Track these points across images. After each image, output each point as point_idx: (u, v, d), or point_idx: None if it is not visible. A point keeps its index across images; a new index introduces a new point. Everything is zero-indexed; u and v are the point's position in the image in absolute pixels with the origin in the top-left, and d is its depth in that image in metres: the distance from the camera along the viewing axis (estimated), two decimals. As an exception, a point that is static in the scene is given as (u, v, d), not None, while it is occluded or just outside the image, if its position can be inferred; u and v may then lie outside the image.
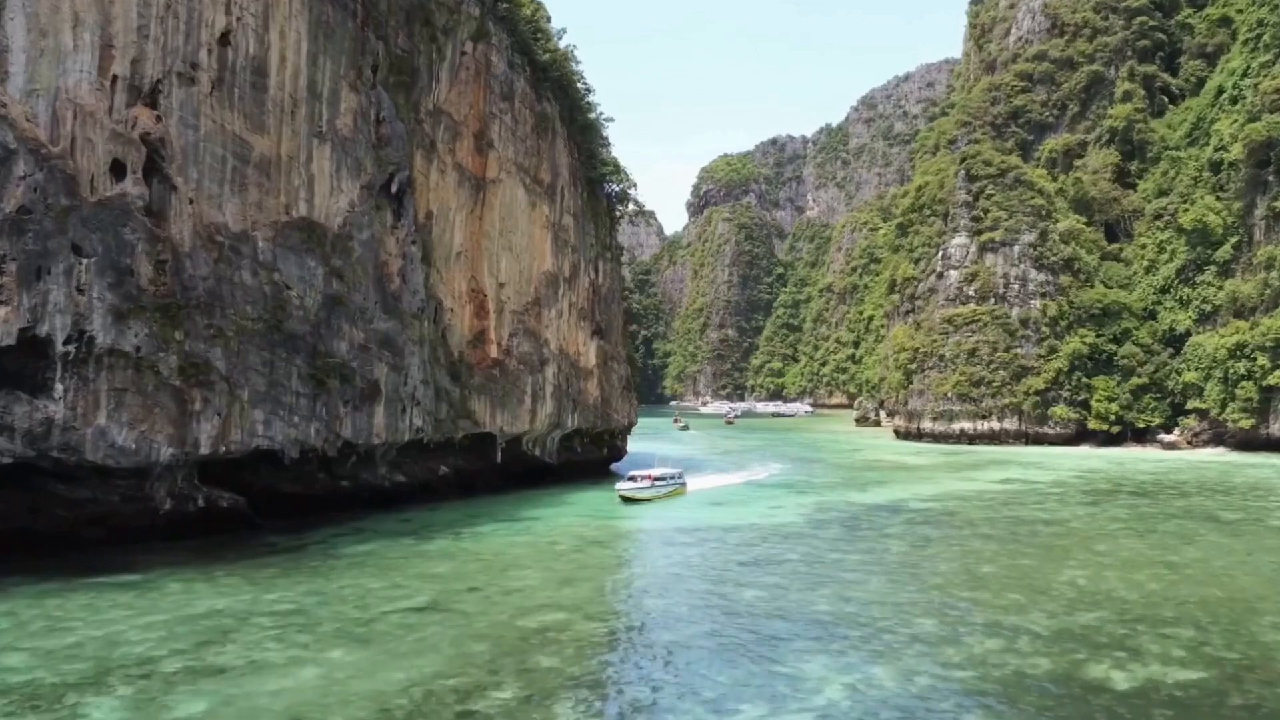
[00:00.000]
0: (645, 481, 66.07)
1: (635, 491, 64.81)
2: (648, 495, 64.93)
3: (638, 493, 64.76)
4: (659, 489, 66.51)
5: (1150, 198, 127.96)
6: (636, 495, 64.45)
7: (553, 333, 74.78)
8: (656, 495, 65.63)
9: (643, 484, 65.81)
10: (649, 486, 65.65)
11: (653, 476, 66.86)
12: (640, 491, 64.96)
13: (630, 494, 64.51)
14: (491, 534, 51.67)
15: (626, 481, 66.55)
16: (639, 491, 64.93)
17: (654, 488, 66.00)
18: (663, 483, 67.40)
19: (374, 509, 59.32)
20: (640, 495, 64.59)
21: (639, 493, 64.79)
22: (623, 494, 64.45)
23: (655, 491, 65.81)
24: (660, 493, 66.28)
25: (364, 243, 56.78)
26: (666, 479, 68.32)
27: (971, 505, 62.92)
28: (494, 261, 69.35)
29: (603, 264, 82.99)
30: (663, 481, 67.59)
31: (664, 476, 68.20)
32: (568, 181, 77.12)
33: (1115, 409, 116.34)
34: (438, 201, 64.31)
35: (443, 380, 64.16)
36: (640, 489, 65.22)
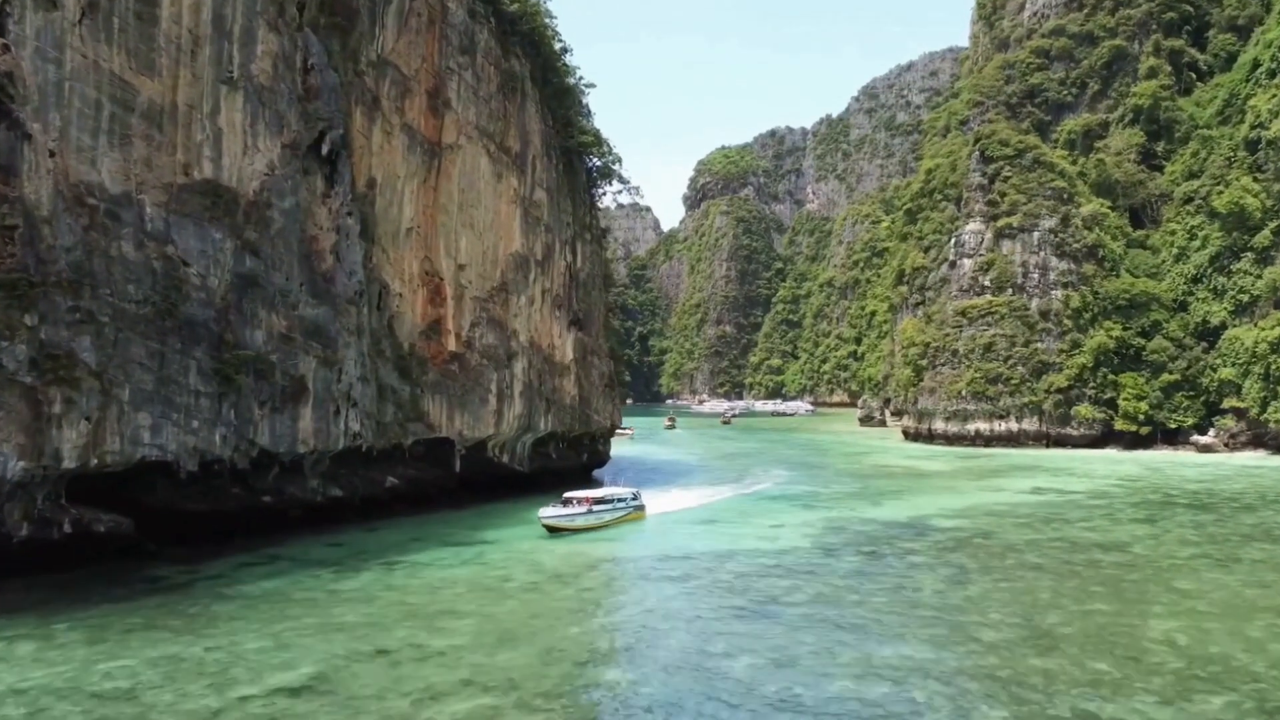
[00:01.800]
0: (581, 506, 51.50)
1: (564, 519, 50.34)
2: (582, 524, 50.74)
3: (567, 521, 50.38)
4: (600, 515, 52.04)
5: (1179, 180, 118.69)
6: (565, 524, 50.14)
7: (522, 323, 65.52)
8: (597, 524, 51.49)
9: (577, 509, 51.27)
10: (585, 513, 51.24)
11: (591, 499, 52.28)
12: (571, 519, 50.61)
13: (556, 523, 49.96)
14: (433, 564, 42.49)
15: (554, 506, 51.22)
16: (569, 519, 50.55)
17: (592, 514, 51.51)
18: (607, 507, 52.90)
19: (304, 529, 50.49)
20: (570, 524, 50.32)
21: (569, 521, 50.47)
22: (546, 523, 49.83)
23: (594, 519, 51.57)
24: (602, 519, 52.04)
25: (286, 213, 47.64)
26: (613, 502, 53.81)
27: (1006, 523, 53.73)
28: (452, 240, 60.10)
29: (581, 246, 73.70)
30: (607, 505, 53.00)
31: (609, 499, 53.69)
32: (540, 151, 67.81)
33: (1144, 408, 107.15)
34: (382, 168, 55.08)
35: (388, 377, 54.93)
36: (572, 516, 50.79)
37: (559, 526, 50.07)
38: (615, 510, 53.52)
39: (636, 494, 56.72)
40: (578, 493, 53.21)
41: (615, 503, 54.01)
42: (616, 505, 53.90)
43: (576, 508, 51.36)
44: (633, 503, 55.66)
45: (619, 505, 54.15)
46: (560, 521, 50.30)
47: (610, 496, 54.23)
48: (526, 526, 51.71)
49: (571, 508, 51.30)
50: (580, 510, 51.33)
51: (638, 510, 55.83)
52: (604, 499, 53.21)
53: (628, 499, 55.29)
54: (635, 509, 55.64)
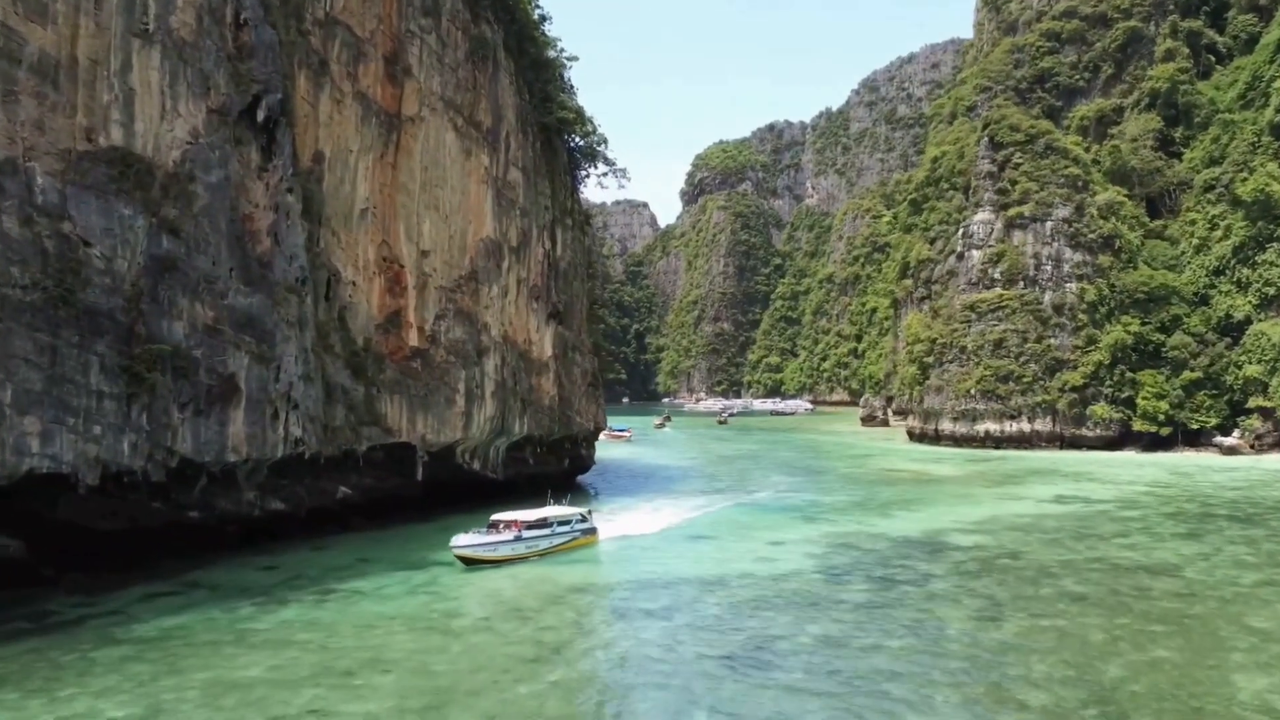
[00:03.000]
0: (509, 532, 42.38)
1: (483, 549, 41.11)
2: (508, 554, 41.63)
3: (488, 550, 41.21)
4: (534, 543, 42.92)
5: (1199, 167, 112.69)
6: (484, 555, 41.01)
7: (495, 315, 59.48)
8: (529, 553, 42.51)
9: (502, 536, 42.05)
10: (513, 540, 42.08)
11: (523, 523, 43.17)
12: (493, 548, 41.33)
13: (472, 553, 40.73)
14: (374, 592, 36.48)
15: (474, 532, 42.39)
16: (490, 549, 41.27)
17: (522, 541, 42.42)
18: (543, 532, 43.59)
19: (240, 548, 44.79)
20: (491, 555, 41.19)
21: (490, 550, 41.26)
22: (460, 553, 40.66)
23: (525, 547, 42.54)
24: (536, 548, 42.92)
25: (213, 187, 41.62)
26: (552, 526, 44.34)
27: (1034, 540, 47.73)
28: (414, 223, 54.05)
29: (562, 232, 67.59)
30: (543, 531, 43.66)
31: (547, 523, 44.22)
32: (514, 127, 61.71)
33: (1164, 408, 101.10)
34: (332, 140, 49.03)
35: (338, 375, 48.89)
36: (494, 544, 41.43)
37: (476, 558, 40.81)
38: (555, 536, 44.29)
39: (586, 515, 47.86)
40: (508, 514, 44.29)
41: (555, 527, 44.59)
42: (557, 530, 44.62)
43: (502, 534, 42.33)
44: (579, 526, 46.38)
45: (560, 530, 44.87)
46: (478, 551, 41.02)
47: (549, 519, 44.71)
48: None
49: (495, 534, 42.34)
50: (506, 537, 42.16)
51: (587, 535, 46.67)
52: (540, 522, 44.09)
53: (573, 521, 46.14)
54: (584, 533, 46.41)
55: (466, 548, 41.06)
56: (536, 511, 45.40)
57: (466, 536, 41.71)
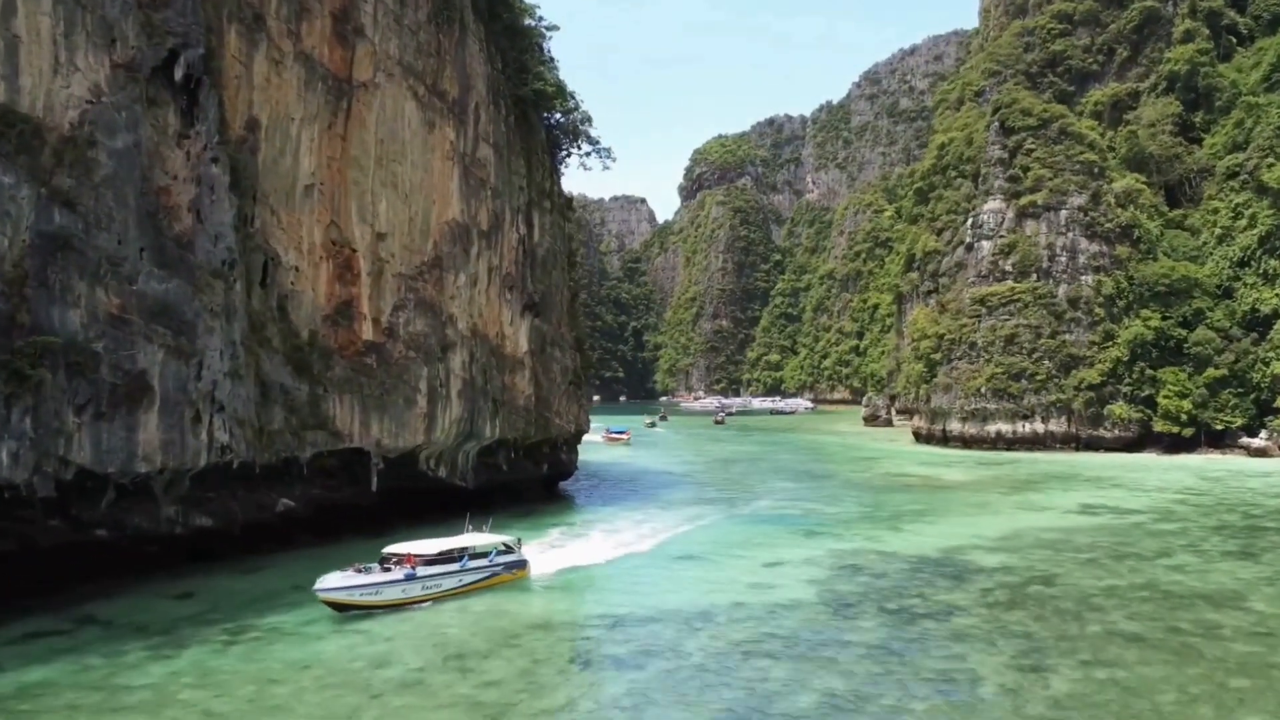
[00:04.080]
0: (399, 570, 33.98)
1: (359, 593, 32.54)
2: (394, 598, 33.26)
3: (368, 594, 32.69)
4: (434, 583, 34.66)
5: (1221, 153, 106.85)
6: (360, 600, 32.55)
7: (461, 306, 53.70)
8: (425, 596, 34.29)
9: (390, 576, 33.58)
10: (403, 579, 33.63)
11: (420, 558, 34.77)
12: (373, 591, 32.78)
13: (344, 597, 32.20)
14: (297, 631, 30.76)
15: (344, 573, 33.04)
16: (369, 592, 32.72)
17: (416, 581, 33.96)
18: (448, 570, 35.39)
19: (158, 571, 39.24)
20: (371, 599, 32.73)
21: (370, 594, 32.72)
22: (327, 597, 32.02)
23: (422, 588, 34.18)
24: (439, 588, 34.83)
25: (120, 155, 35.89)
26: (461, 561, 36.04)
27: (1066, 560, 41.94)
28: (368, 202, 48.27)
29: (539, 216, 61.71)
30: (448, 567, 35.46)
31: (454, 557, 35.99)
32: (485, 99, 55.87)
33: (1187, 407, 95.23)
34: (269, 106, 43.22)
35: (276, 372, 43.11)
36: (374, 586, 32.86)
37: (349, 603, 32.22)
38: (466, 573, 36.00)
39: (512, 545, 39.35)
40: (404, 547, 35.68)
41: (463, 562, 36.10)
42: (468, 567, 36.15)
43: (391, 574, 33.70)
44: (501, 560, 37.94)
45: (473, 566, 36.44)
46: (352, 595, 32.28)
47: (459, 552, 36.34)
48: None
49: (379, 574, 33.56)
50: (394, 577, 33.51)
51: (513, 570, 38.19)
52: (445, 556, 35.70)
53: (492, 554, 37.78)
54: (508, 568, 37.99)
55: (335, 591, 32.08)
56: (443, 542, 36.63)
57: (338, 576, 32.79)
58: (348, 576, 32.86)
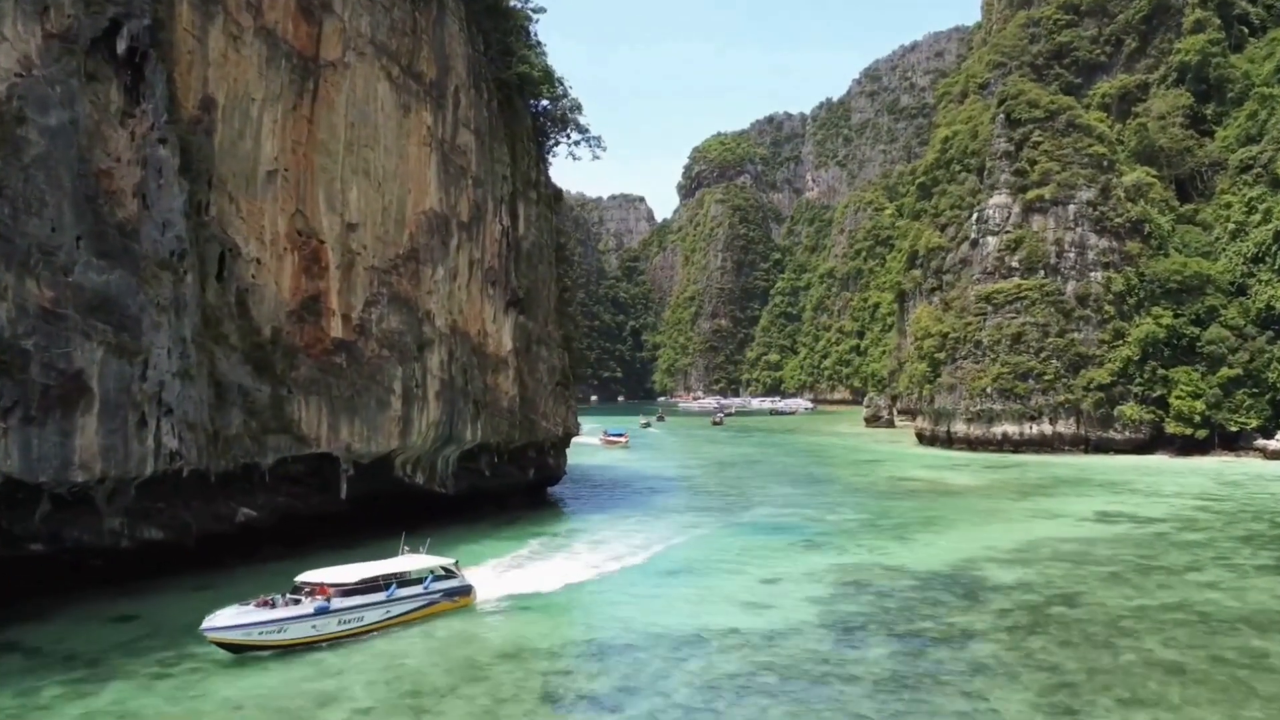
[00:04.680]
0: (309, 603, 28.98)
1: (257, 631, 27.56)
2: (298, 636, 28.32)
3: (267, 632, 27.71)
4: (348, 617, 29.59)
5: (1234, 146, 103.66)
6: (258, 640, 27.61)
7: (440, 302, 50.52)
8: (341, 632, 29.36)
9: (299, 610, 28.61)
10: (312, 614, 28.69)
11: (338, 588, 29.69)
12: (276, 629, 27.86)
13: (238, 637, 27.36)
14: (238, 663, 27.43)
15: (241, 608, 28.28)
16: (271, 630, 27.76)
17: (326, 616, 28.99)
18: (373, 601, 30.53)
19: (106, 588, 36.20)
20: (272, 638, 27.79)
21: (267, 633, 27.72)
22: (217, 637, 27.35)
23: (334, 624, 29.21)
24: (356, 624, 29.84)
25: (53, 133, 32.88)
26: (388, 589, 31.17)
27: (1088, 574, 38.76)
28: (337, 190, 45.11)
29: (525, 207, 58.49)
30: (373, 598, 30.57)
31: (379, 585, 31.07)
32: (465, 82, 52.67)
33: (1200, 408, 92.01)
34: (226, 84, 40.06)
35: (233, 372, 39.94)
36: (278, 623, 27.93)
37: (245, 644, 27.40)
38: (393, 604, 31.17)
39: (451, 568, 34.45)
40: (320, 574, 30.50)
41: (390, 591, 31.16)
42: (396, 596, 31.28)
43: (298, 607, 28.71)
44: (438, 586, 33.07)
45: (402, 596, 31.53)
46: (247, 635, 27.35)
47: (385, 579, 31.35)
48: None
49: (285, 607, 28.54)
50: (301, 612, 28.53)
51: (454, 597, 33.62)
52: (368, 585, 30.63)
53: (426, 581, 32.79)
54: (448, 595, 33.37)
55: (227, 630, 27.20)
56: (366, 568, 31.78)
57: (233, 611, 27.93)
58: (244, 612, 28.06)
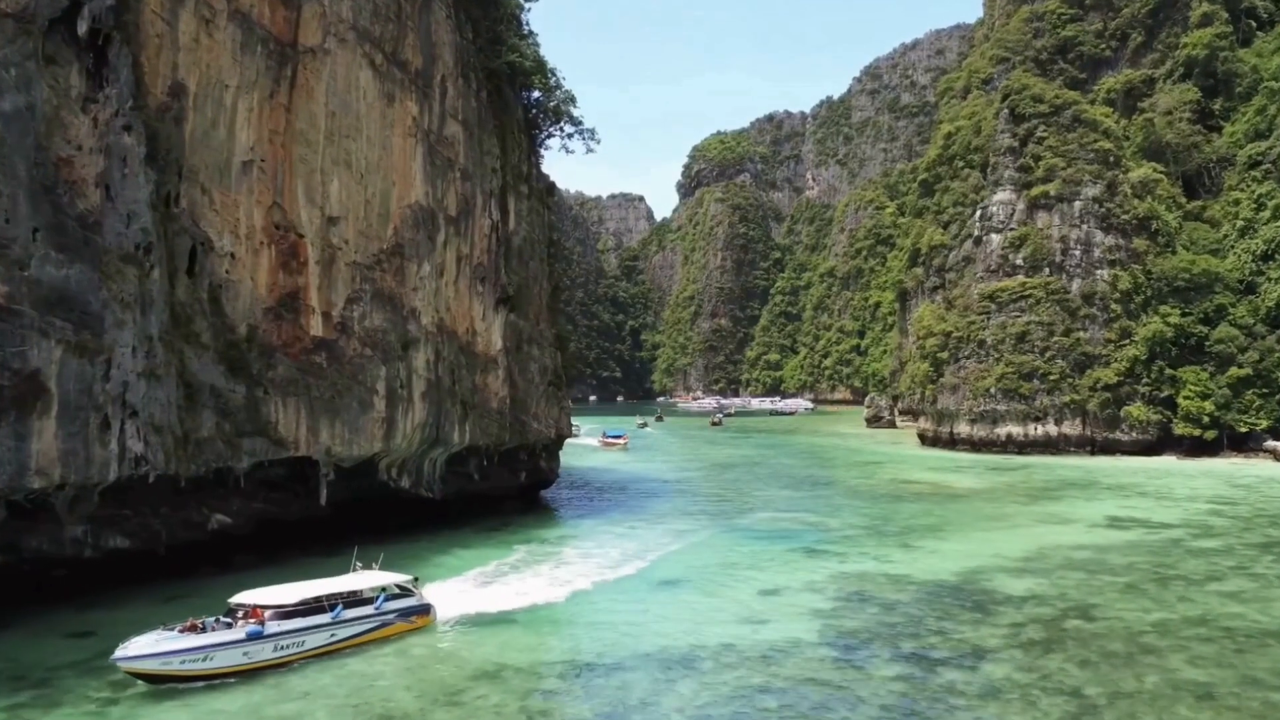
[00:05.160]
0: (238, 628, 26.32)
1: (179, 660, 24.85)
2: (226, 665, 25.60)
3: (186, 662, 24.93)
4: (286, 643, 26.87)
5: (1243, 141, 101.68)
6: (177, 670, 24.85)
7: (426, 300, 48.62)
8: (277, 659, 26.64)
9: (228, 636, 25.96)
10: (243, 639, 25.99)
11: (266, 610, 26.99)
12: (196, 658, 25.08)
13: (158, 667, 24.59)
14: (187, 693, 25.48)
15: (165, 633, 25.55)
16: (191, 659, 25.00)
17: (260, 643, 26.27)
18: (311, 623, 27.61)
19: (73, 599, 34.60)
20: (191, 668, 25.01)
21: (191, 661, 25.00)
22: (132, 667, 24.51)
23: (269, 650, 26.47)
24: (296, 650, 27.06)
25: (7, 118, 31.22)
26: (333, 611, 28.29)
27: (1103, 585, 36.87)
28: (317, 182, 43.21)
29: (515, 201, 56.57)
30: (311, 621, 27.63)
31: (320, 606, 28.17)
32: (452, 72, 50.77)
33: (1209, 408, 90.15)
34: (198, 70, 38.15)
35: (205, 372, 38.05)
36: (200, 651, 25.23)
37: (164, 674, 24.64)
38: (338, 628, 28.34)
39: (407, 585, 31.69)
40: (257, 595, 27.80)
41: (335, 612, 28.29)
42: (342, 618, 28.43)
43: (230, 632, 26.14)
44: (391, 607, 30.17)
45: (349, 618, 28.68)
46: (166, 664, 24.58)
47: (330, 599, 28.53)
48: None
49: (214, 633, 25.99)
50: (231, 637, 25.90)
51: (410, 617, 30.78)
52: (309, 606, 27.80)
53: (378, 600, 29.85)
54: (404, 615, 30.55)
55: (142, 660, 24.35)
56: (309, 587, 28.90)
57: (152, 638, 25.11)
58: (165, 638, 25.21)
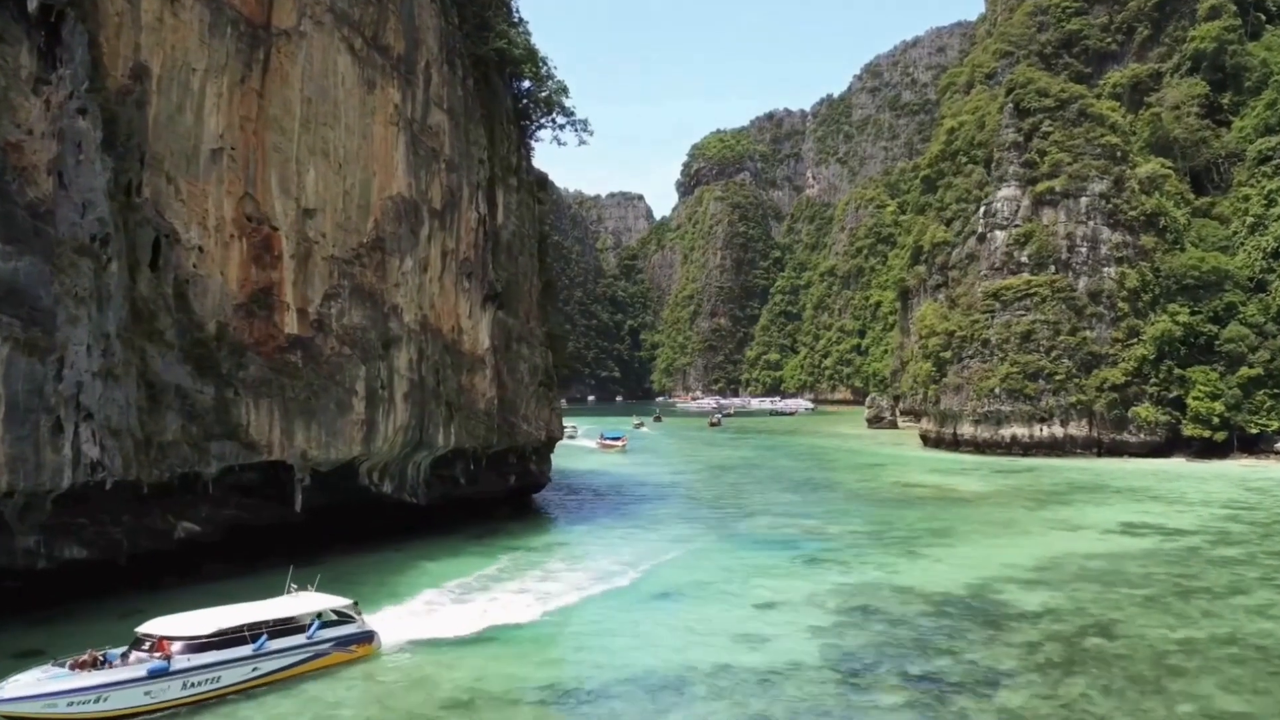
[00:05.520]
0: (138, 664, 23.07)
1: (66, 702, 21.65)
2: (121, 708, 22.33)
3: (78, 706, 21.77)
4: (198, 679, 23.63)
5: (1252, 136, 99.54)
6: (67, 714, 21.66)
7: (409, 296, 46.49)
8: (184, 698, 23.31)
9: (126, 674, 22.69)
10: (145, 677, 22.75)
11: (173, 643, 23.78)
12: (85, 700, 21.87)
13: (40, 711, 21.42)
14: None
15: (54, 670, 22.49)
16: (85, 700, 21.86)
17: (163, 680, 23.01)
18: (230, 656, 24.39)
19: (22, 611, 32.42)
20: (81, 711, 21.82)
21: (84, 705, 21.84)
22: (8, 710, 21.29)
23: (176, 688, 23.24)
24: (210, 687, 23.84)
25: (-52, 100, 28.70)
26: (256, 641, 24.98)
27: (1121, 598, 34.75)
28: (292, 171, 41.09)
29: (504, 194, 54.44)
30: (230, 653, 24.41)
31: (241, 637, 24.89)
32: (437, 58, 48.63)
33: (1219, 409, 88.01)
34: (162, 52, 36.09)
35: (170, 372, 35.95)
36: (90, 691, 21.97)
37: (46, 718, 21.47)
38: (262, 660, 24.95)
39: (347, 610, 28.05)
40: (167, 624, 24.46)
41: (260, 643, 24.92)
42: (265, 650, 25.03)
43: (128, 669, 22.89)
44: (327, 635, 26.71)
45: (275, 650, 25.27)
46: (50, 707, 21.48)
47: (252, 629, 25.11)
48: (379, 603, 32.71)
49: (110, 670, 22.72)
50: (131, 675, 22.70)
51: (349, 646, 27.22)
52: (227, 637, 24.52)
53: (311, 628, 26.47)
54: (341, 644, 27.01)
55: (23, 701, 21.31)
56: (228, 614, 25.46)
57: (34, 676, 22.16)
58: (50, 676, 22.06)
